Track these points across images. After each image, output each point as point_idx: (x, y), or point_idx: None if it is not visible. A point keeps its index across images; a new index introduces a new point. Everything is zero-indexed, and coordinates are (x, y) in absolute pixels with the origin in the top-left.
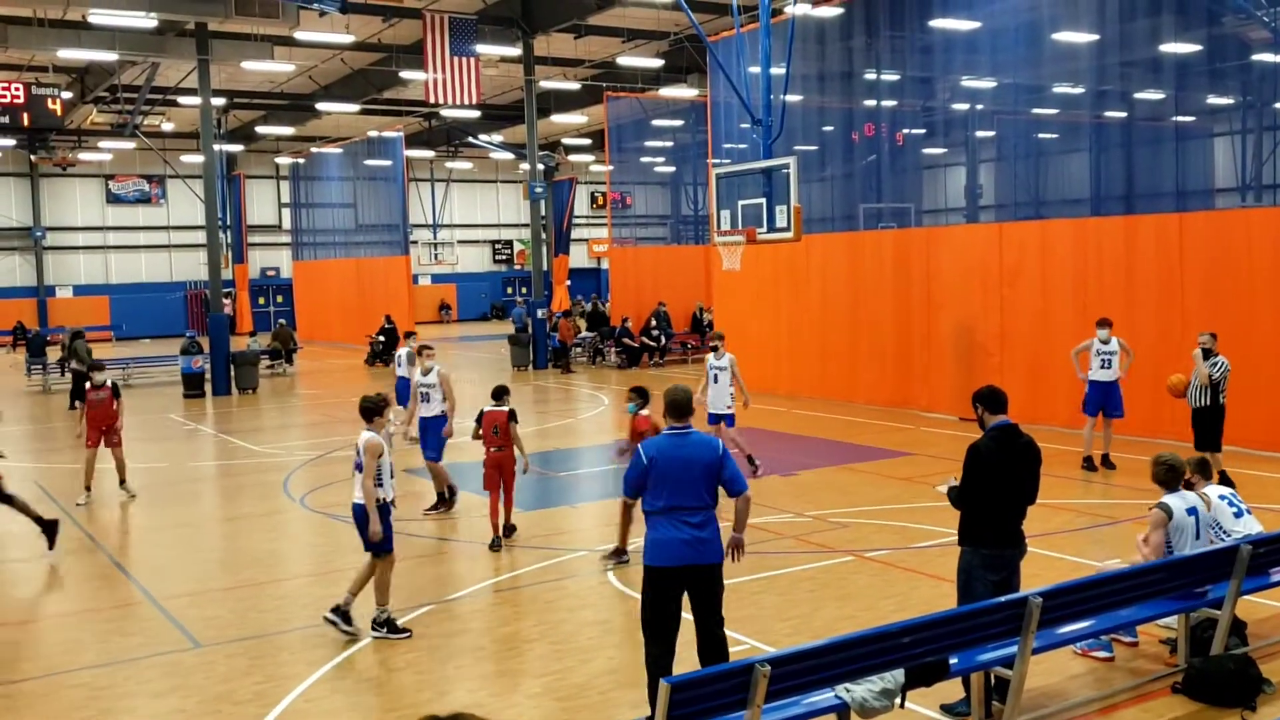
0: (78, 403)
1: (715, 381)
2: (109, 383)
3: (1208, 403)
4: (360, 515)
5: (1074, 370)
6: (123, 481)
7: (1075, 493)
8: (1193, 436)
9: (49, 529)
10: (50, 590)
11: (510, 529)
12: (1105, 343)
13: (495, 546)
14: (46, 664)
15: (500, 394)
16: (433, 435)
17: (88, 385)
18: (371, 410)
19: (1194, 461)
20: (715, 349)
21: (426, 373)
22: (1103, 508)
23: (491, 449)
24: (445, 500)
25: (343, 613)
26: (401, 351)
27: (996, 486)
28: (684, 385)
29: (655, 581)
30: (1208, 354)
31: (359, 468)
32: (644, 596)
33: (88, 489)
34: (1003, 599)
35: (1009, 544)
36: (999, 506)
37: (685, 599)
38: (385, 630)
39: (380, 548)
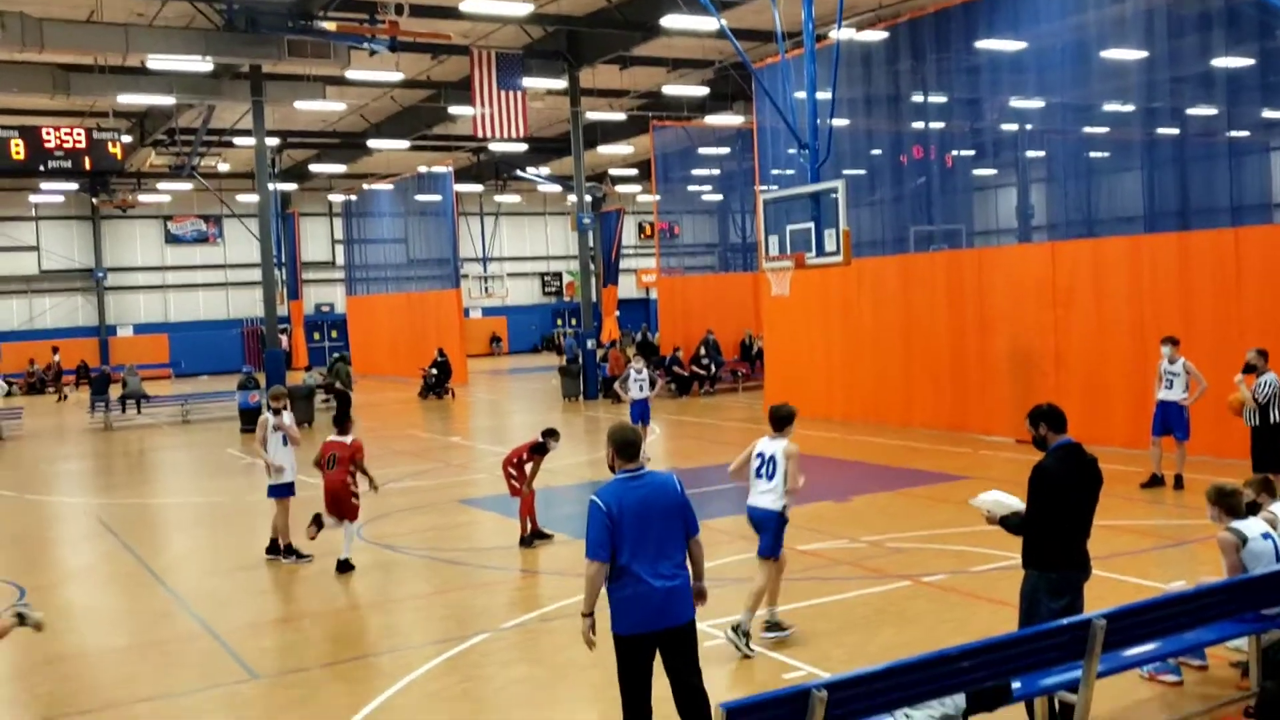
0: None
1: (284, 445)
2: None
3: (1258, 422)
4: (778, 519)
5: (1133, 390)
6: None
7: (1139, 513)
8: (1250, 456)
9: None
10: (111, 623)
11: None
12: (1172, 362)
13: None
14: (107, 697)
15: (546, 434)
16: None
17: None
18: (785, 420)
19: (1257, 481)
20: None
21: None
22: (1168, 529)
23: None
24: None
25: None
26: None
27: (1065, 507)
28: (630, 424)
29: (628, 650)
30: (1252, 370)
31: (769, 476)
32: (618, 662)
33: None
34: (1065, 621)
35: (1076, 567)
36: (1067, 528)
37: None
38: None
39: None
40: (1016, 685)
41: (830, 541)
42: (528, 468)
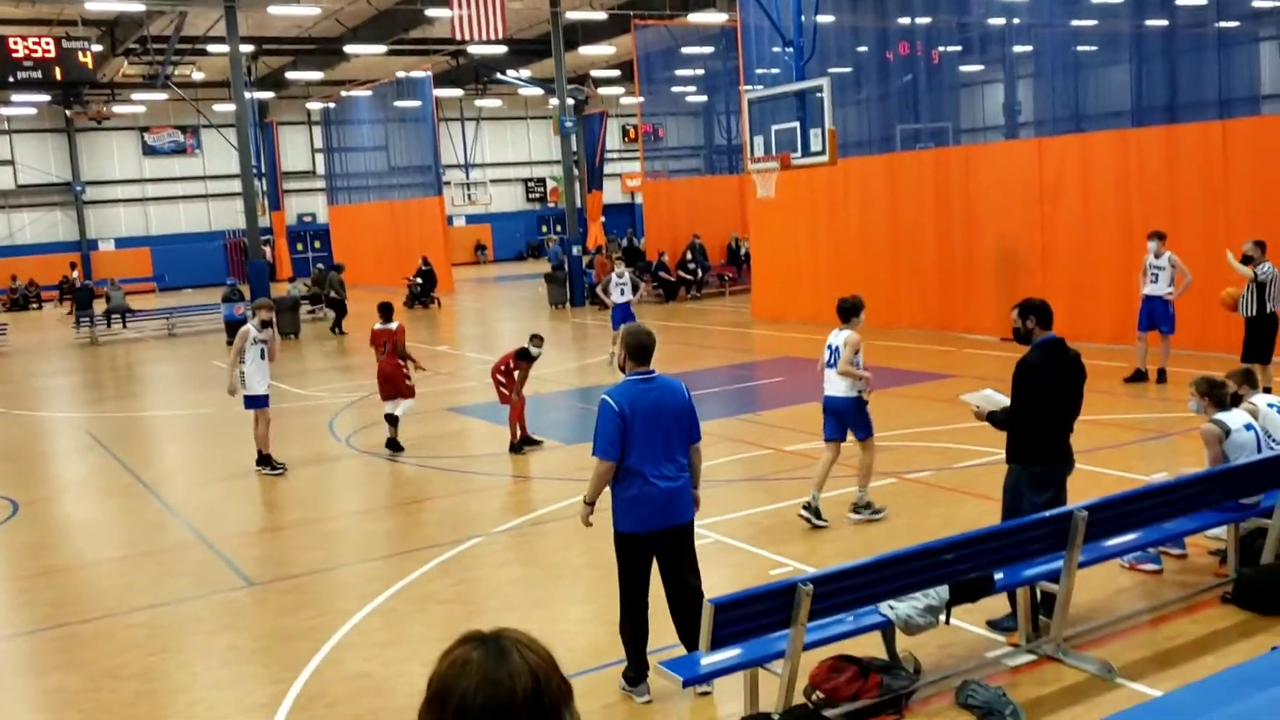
0: (338, 329)
1: (260, 358)
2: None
3: (1253, 313)
4: (855, 403)
5: (1119, 286)
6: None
7: (1122, 408)
8: (1241, 348)
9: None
10: (107, 534)
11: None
12: (1158, 257)
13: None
14: (105, 605)
15: (530, 340)
16: None
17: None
18: (851, 311)
19: (1239, 373)
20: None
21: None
22: (1151, 422)
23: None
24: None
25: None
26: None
27: (1047, 402)
28: (645, 326)
29: (630, 548)
30: (1249, 260)
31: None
32: (619, 559)
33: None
34: (1048, 514)
35: (1059, 461)
36: (1050, 422)
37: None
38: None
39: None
40: (999, 576)
41: (817, 441)
42: (516, 374)
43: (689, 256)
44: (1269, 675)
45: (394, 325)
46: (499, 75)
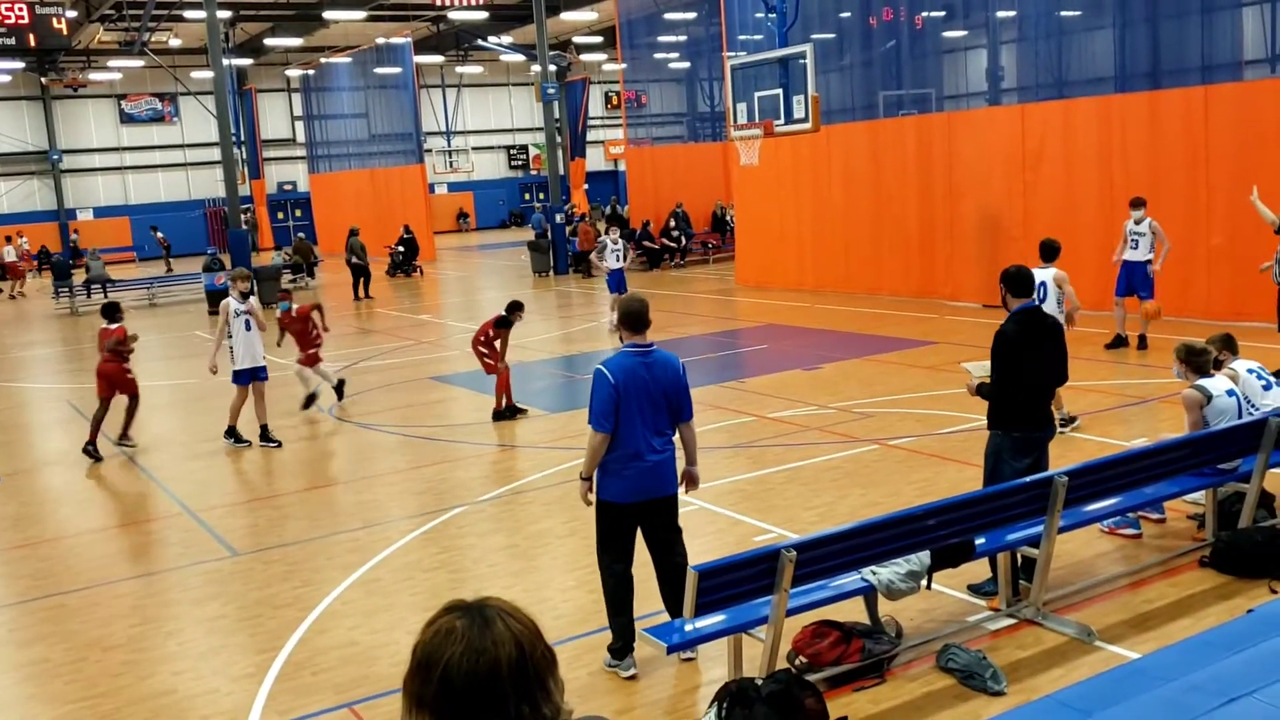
0: (365, 294)
1: (247, 330)
2: None
3: None
4: None
5: (1103, 252)
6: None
7: (1103, 374)
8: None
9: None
10: (91, 506)
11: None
12: (1139, 223)
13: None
14: (90, 576)
15: (509, 308)
16: None
17: None
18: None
19: (1219, 339)
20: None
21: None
22: (1132, 388)
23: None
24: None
25: None
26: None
27: (1024, 369)
28: (640, 295)
29: (615, 517)
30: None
31: (1042, 300)
32: (601, 527)
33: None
34: (1028, 479)
35: (1039, 426)
36: (1028, 389)
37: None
38: None
39: None
40: (980, 541)
41: (800, 408)
42: (497, 344)
43: (672, 224)
44: (1245, 637)
45: None
46: (480, 41)
